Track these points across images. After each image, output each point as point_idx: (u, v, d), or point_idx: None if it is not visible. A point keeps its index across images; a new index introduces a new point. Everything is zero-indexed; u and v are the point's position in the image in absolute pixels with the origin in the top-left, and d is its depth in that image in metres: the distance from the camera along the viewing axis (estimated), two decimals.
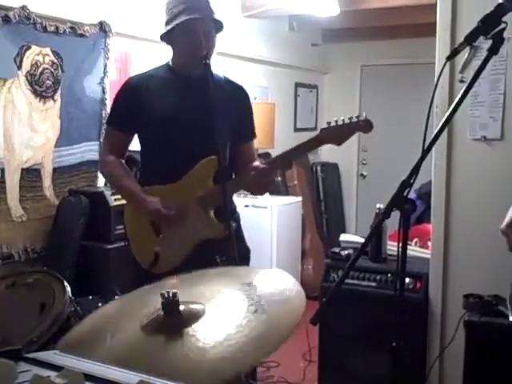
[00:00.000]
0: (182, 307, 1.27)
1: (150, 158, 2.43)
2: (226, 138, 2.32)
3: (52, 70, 3.45)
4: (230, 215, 2.14)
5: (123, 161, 2.48)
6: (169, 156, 2.32)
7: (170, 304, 1.26)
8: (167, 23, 2.33)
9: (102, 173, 2.70)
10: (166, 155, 2.33)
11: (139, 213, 2.36)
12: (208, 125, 2.15)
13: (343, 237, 3.62)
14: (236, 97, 2.44)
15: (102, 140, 2.56)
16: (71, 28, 3.53)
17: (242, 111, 2.46)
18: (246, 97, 2.51)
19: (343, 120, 2.18)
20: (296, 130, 6.32)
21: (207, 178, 2.28)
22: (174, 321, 1.26)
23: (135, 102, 2.33)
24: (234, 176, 2.39)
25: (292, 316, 1.25)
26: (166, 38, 2.39)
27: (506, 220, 2.25)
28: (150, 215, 2.31)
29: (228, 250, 2.01)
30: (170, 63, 2.44)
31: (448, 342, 2.81)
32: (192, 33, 2.26)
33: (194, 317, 1.27)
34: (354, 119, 2.18)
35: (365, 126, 2.19)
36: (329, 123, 2.20)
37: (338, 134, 2.20)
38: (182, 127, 2.31)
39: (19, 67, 3.27)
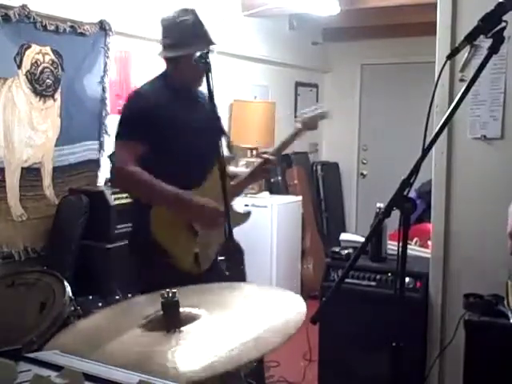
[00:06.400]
0: (181, 309, 1.27)
1: (163, 168, 2.40)
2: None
3: (52, 68, 3.45)
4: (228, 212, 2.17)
5: None
6: (185, 164, 2.37)
7: (170, 303, 1.27)
8: (171, 47, 2.42)
9: (122, 185, 2.53)
10: (182, 163, 2.37)
11: (173, 218, 2.36)
12: (213, 132, 2.28)
13: (343, 236, 3.61)
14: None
15: (115, 152, 2.41)
16: (71, 27, 3.53)
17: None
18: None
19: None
20: None
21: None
22: (173, 319, 1.27)
23: (151, 115, 2.35)
24: None
25: (289, 326, 1.25)
26: (167, 57, 2.47)
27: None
28: (209, 213, 2.32)
29: (225, 248, 2.04)
30: (168, 77, 2.50)
31: (448, 341, 2.81)
32: (199, 66, 2.33)
33: (193, 317, 1.27)
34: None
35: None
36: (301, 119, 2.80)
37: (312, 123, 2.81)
38: (195, 137, 2.39)
39: (19, 66, 3.26)
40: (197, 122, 2.43)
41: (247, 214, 2.66)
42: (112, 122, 3.89)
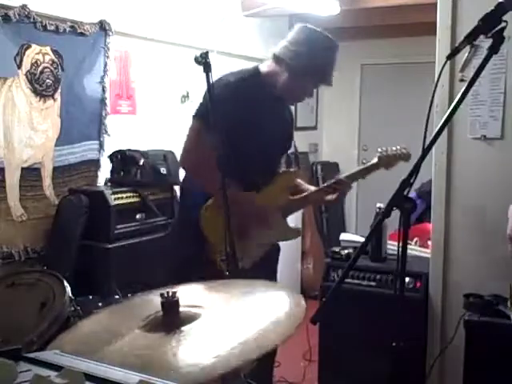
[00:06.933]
0: (181, 309, 1.27)
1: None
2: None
3: (52, 68, 3.45)
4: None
5: None
6: (249, 167, 2.39)
7: (170, 303, 1.26)
8: (297, 57, 2.38)
9: (187, 165, 2.50)
10: (246, 164, 2.36)
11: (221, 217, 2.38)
12: (282, 144, 2.51)
13: (343, 236, 3.61)
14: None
15: (190, 130, 2.43)
16: (71, 27, 3.52)
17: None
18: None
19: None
20: (296, 129, 6.30)
21: (286, 189, 2.57)
22: (173, 319, 1.27)
23: (233, 110, 2.31)
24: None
25: (290, 323, 1.26)
26: (288, 63, 2.42)
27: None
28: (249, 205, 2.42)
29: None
30: (262, 76, 2.47)
31: (448, 341, 2.81)
32: (312, 91, 2.51)
33: (193, 316, 1.27)
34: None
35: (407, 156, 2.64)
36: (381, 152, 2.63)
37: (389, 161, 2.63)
38: (265, 143, 2.43)
39: (19, 66, 3.26)
40: (272, 130, 2.45)
41: (298, 231, 2.73)
42: (112, 122, 3.89)
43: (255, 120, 2.39)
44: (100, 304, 2.75)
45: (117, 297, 2.92)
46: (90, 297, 2.88)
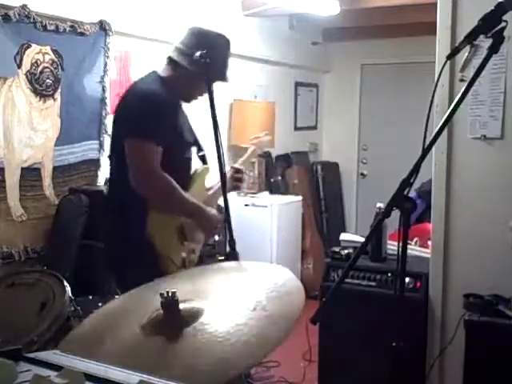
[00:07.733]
0: (181, 306, 1.26)
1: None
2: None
3: (52, 68, 3.45)
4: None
5: None
6: (178, 171, 2.39)
7: (170, 303, 1.26)
8: (193, 60, 2.35)
9: (158, 189, 2.34)
10: (176, 171, 2.37)
11: (167, 223, 2.39)
12: (194, 144, 2.57)
13: (343, 236, 3.61)
14: None
15: (142, 151, 2.30)
16: (71, 27, 3.53)
17: None
18: None
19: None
20: (296, 129, 6.32)
21: (204, 185, 2.60)
22: (174, 320, 1.26)
23: (165, 121, 2.34)
24: None
25: (292, 311, 1.25)
26: (183, 66, 2.42)
27: None
28: (216, 223, 2.46)
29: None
30: (168, 82, 2.47)
31: (448, 342, 2.81)
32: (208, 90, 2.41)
33: (194, 316, 1.27)
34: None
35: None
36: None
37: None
38: (186, 146, 2.50)
39: (19, 66, 3.26)
40: (187, 132, 2.52)
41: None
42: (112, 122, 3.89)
43: (179, 125, 2.43)
44: (100, 304, 2.75)
45: (116, 297, 2.92)
46: (90, 297, 2.88)
